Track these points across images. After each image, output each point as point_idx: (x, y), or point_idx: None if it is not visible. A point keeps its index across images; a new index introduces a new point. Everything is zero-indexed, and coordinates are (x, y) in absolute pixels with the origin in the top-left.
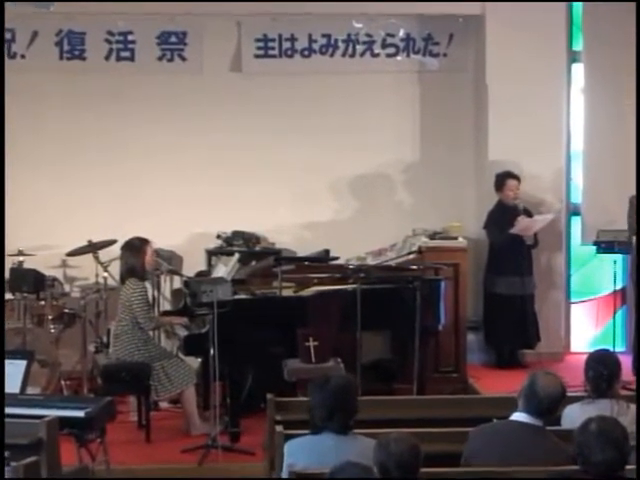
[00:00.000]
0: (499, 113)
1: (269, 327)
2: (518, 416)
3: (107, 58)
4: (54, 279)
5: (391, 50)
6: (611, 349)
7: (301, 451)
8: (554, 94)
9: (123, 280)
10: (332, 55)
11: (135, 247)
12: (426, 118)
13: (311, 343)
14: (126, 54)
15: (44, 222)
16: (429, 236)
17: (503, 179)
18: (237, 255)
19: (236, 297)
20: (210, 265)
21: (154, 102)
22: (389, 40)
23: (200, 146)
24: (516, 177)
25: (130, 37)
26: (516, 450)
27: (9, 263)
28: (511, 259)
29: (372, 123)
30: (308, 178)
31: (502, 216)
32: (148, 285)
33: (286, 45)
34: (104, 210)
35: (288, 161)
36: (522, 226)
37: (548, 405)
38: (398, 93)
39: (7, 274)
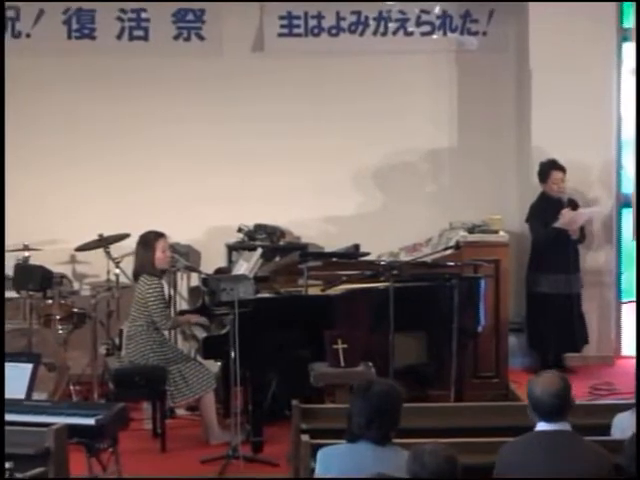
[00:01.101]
0: (543, 96)
1: (294, 328)
2: (541, 426)
3: (119, 37)
4: (62, 276)
5: (426, 28)
6: None
7: (335, 461)
8: (603, 76)
9: (136, 277)
10: (362, 34)
11: (146, 241)
12: (464, 102)
13: (340, 346)
14: (139, 33)
15: (51, 214)
16: (467, 230)
17: (547, 170)
18: (260, 250)
19: (259, 296)
20: (230, 261)
21: (169, 85)
22: (424, 17)
23: (219, 134)
24: (561, 168)
25: (144, 15)
26: (552, 463)
27: (14, 259)
28: (555, 255)
29: (405, 107)
30: (336, 168)
31: (545, 209)
32: (164, 282)
33: (312, 23)
34: (116, 202)
35: (315, 149)
36: (566, 220)
37: (558, 403)
38: (433, 75)
39: (11, 271)
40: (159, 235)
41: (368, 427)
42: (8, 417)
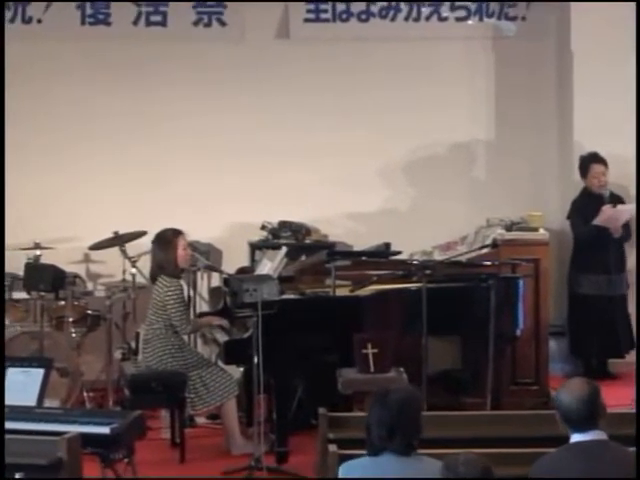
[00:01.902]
0: (586, 86)
1: (321, 331)
2: (575, 437)
3: (135, 23)
4: (75, 276)
5: (461, 13)
6: None
7: (358, 474)
8: None
9: (153, 278)
10: (393, 19)
11: (165, 240)
12: (501, 92)
13: (369, 350)
14: (157, 18)
15: (64, 210)
16: (505, 227)
17: (587, 164)
18: (284, 249)
19: (283, 297)
20: (253, 260)
21: (189, 74)
22: (459, 2)
23: (242, 126)
24: (602, 161)
25: None
26: (590, 475)
27: (24, 258)
28: (596, 255)
29: (438, 98)
30: (366, 161)
31: (587, 205)
32: (183, 283)
33: (340, 8)
34: (133, 197)
35: (343, 142)
36: (605, 216)
37: (587, 409)
38: (468, 63)
39: (22, 270)
40: (178, 232)
41: (390, 438)
42: (18, 425)
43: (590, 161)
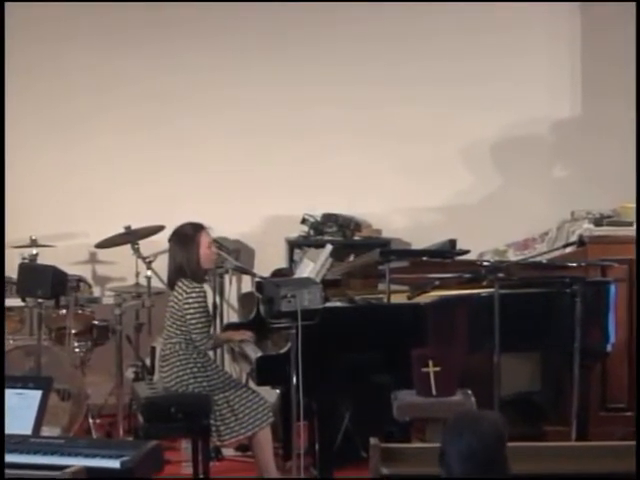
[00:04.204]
0: None
1: (373, 346)
2: None
3: None
4: (79, 279)
5: None
6: None
7: None
8: None
9: (172, 283)
10: None
11: (184, 236)
12: (589, 62)
13: (431, 369)
14: None
15: (66, 201)
16: (594, 221)
17: None
18: (329, 247)
19: (328, 305)
20: (292, 261)
21: (221, 38)
22: None
23: (279, 101)
24: None
25: None
26: None
27: (18, 257)
28: None
29: (515, 69)
30: (424, 145)
31: None
32: (207, 288)
33: None
34: (147, 187)
35: (401, 121)
36: None
37: None
38: (552, 28)
39: (15, 272)
40: (199, 227)
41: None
42: (11, 458)
43: None
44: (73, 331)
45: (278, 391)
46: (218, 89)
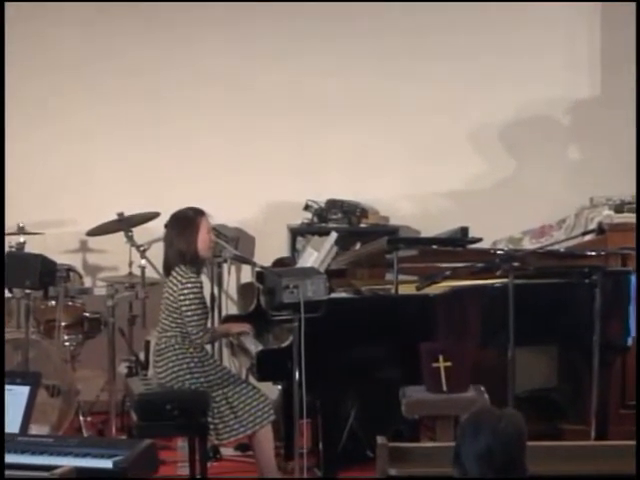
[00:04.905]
0: None
1: (380, 340)
2: None
3: None
4: (69, 269)
5: None
6: None
7: None
8: None
9: (168, 270)
10: None
11: (184, 222)
12: (609, 37)
13: (441, 364)
14: None
15: (54, 187)
16: (614, 208)
17: None
18: (334, 235)
19: (333, 296)
20: (295, 249)
21: (217, 11)
22: None
23: (281, 77)
24: None
25: None
26: None
27: (5, 245)
28: None
29: (531, 43)
30: (433, 124)
31: None
32: (205, 278)
33: None
34: (141, 171)
35: (411, 99)
36: None
37: None
38: (570, 4)
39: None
40: (200, 211)
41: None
42: None
43: None
44: (63, 324)
45: (280, 387)
46: (213, 63)
